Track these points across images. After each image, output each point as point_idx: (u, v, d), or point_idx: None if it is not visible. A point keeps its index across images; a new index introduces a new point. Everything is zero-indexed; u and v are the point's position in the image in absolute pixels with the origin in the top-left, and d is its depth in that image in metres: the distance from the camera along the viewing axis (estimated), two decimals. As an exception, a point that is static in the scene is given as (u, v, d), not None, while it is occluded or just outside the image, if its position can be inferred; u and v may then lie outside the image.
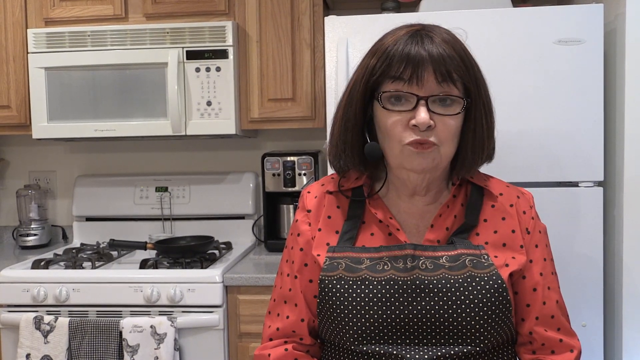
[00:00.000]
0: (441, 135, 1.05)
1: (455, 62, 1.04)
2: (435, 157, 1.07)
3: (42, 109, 2.30)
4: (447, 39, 1.06)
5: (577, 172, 1.77)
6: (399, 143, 1.07)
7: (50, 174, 2.78)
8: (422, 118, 1.03)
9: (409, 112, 1.05)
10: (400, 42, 1.05)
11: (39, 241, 2.62)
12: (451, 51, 1.04)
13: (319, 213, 1.19)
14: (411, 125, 1.04)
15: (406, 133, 1.06)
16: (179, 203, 2.59)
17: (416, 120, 1.03)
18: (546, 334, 1.12)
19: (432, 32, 1.06)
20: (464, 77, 1.06)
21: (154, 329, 1.91)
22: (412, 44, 1.04)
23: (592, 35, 1.73)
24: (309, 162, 2.34)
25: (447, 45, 1.04)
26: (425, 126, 1.03)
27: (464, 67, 1.05)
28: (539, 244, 1.15)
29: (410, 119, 1.05)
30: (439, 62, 1.03)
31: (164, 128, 2.25)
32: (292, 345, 1.16)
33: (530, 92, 1.76)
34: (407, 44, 1.05)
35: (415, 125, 1.04)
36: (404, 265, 1.08)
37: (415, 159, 1.07)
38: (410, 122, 1.04)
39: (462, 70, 1.05)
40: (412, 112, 1.05)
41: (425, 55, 1.03)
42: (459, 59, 1.05)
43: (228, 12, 2.30)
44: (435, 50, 1.03)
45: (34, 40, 2.29)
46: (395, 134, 1.07)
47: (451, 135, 1.06)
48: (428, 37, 1.05)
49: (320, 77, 2.26)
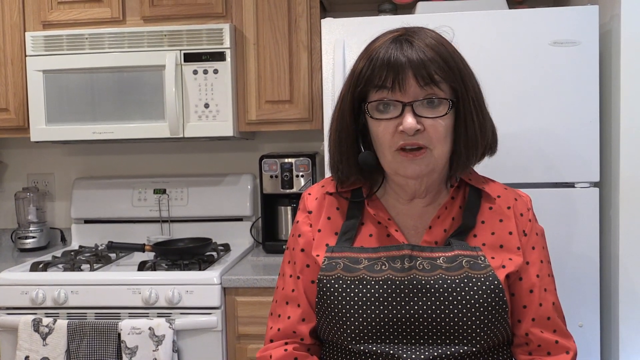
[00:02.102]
0: (431, 138, 1.06)
1: (437, 64, 1.05)
2: (429, 162, 1.08)
3: (40, 111, 2.30)
4: (429, 41, 1.07)
5: (573, 173, 1.77)
6: (390, 150, 1.08)
7: (48, 177, 2.79)
8: (409, 123, 1.04)
9: (397, 118, 1.06)
10: (382, 49, 1.07)
11: (37, 244, 2.62)
12: (432, 53, 1.05)
13: (319, 214, 1.20)
14: (399, 131, 1.06)
15: (396, 139, 1.07)
16: (177, 205, 2.59)
17: (403, 126, 1.05)
18: (542, 335, 1.12)
19: (413, 37, 1.07)
20: (447, 78, 1.06)
21: (152, 331, 1.91)
22: (392, 49, 1.06)
23: (588, 37, 1.74)
24: (307, 164, 2.34)
25: (427, 48, 1.05)
26: (412, 131, 1.04)
27: (446, 68, 1.06)
28: (536, 246, 1.16)
29: (398, 125, 1.06)
30: (418, 66, 1.04)
31: (162, 130, 2.25)
32: (293, 346, 1.16)
33: (526, 94, 1.77)
34: (388, 50, 1.06)
35: (403, 131, 1.05)
36: (402, 265, 1.09)
37: (409, 166, 1.08)
38: (399, 127, 1.06)
39: (445, 71, 1.06)
40: (399, 119, 1.06)
41: (404, 61, 1.04)
42: (440, 61, 1.05)
43: (225, 15, 2.31)
44: (414, 55, 1.04)
45: (32, 43, 2.29)
46: (386, 142, 1.08)
47: (441, 137, 1.07)
48: (407, 42, 1.06)
49: (317, 79, 2.27)
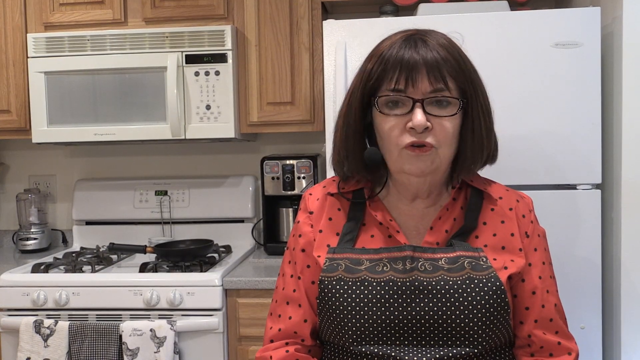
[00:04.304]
0: (439, 137, 1.06)
1: (449, 64, 1.06)
2: (434, 160, 1.08)
3: (41, 113, 2.31)
4: (442, 42, 1.08)
5: (575, 174, 1.77)
6: (397, 147, 1.08)
7: (50, 178, 2.79)
8: (419, 120, 1.04)
9: (406, 115, 1.06)
10: (394, 47, 1.07)
11: (38, 245, 2.62)
12: (445, 54, 1.06)
13: (321, 215, 1.20)
14: (408, 127, 1.06)
15: (404, 136, 1.07)
16: (179, 207, 2.59)
17: (412, 122, 1.05)
18: (544, 337, 1.12)
19: (427, 36, 1.08)
20: (458, 79, 1.07)
21: (153, 333, 1.91)
22: (406, 48, 1.06)
23: (590, 39, 1.74)
24: (308, 166, 2.34)
25: (441, 49, 1.06)
26: (421, 128, 1.04)
27: (458, 69, 1.07)
28: (538, 248, 1.16)
29: (407, 122, 1.06)
30: (432, 66, 1.04)
31: (164, 132, 2.26)
32: (294, 347, 1.16)
33: (528, 95, 1.77)
34: (402, 48, 1.07)
35: (412, 128, 1.05)
36: (403, 266, 1.09)
37: (414, 162, 1.07)
38: (407, 124, 1.06)
39: (457, 72, 1.06)
40: (408, 115, 1.06)
41: (418, 59, 1.05)
42: (453, 62, 1.06)
43: (227, 17, 2.31)
44: (428, 54, 1.05)
45: (33, 44, 2.30)
46: (393, 138, 1.08)
47: (449, 137, 1.07)
48: (422, 41, 1.07)
49: (319, 80, 2.27)
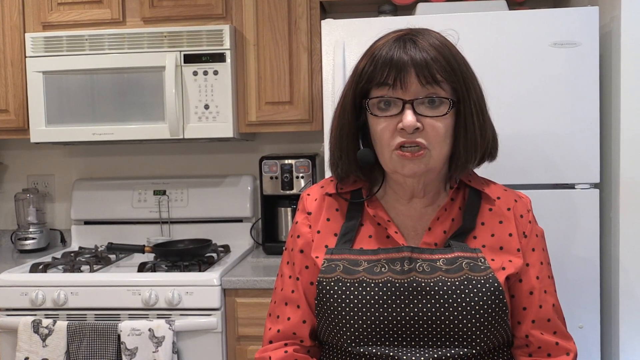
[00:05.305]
0: (430, 137, 1.06)
1: (439, 64, 1.05)
2: (428, 162, 1.08)
3: (40, 113, 2.30)
4: (433, 42, 1.07)
5: (574, 174, 1.77)
6: (389, 148, 1.08)
7: (48, 178, 2.78)
8: (408, 121, 1.04)
9: (397, 116, 1.06)
10: (385, 47, 1.08)
11: (37, 245, 2.62)
12: (435, 54, 1.05)
13: (319, 215, 1.20)
14: (399, 128, 1.06)
15: (395, 137, 1.07)
16: (177, 206, 2.59)
17: (402, 123, 1.05)
18: (542, 337, 1.12)
19: (418, 37, 1.08)
20: (449, 78, 1.07)
21: (152, 332, 1.91)
22: (395, 48, 1.06)
23: (588, 38, 1.74)
24: (307, 165, 2.34)
25: (431, 49, 1.06)
26: (411, 129, 1.05)
27: (449, 68, 1.06)
28: (535, 248, 1.16)
29: (398, 123, 1.06)
30: (421, 66, 1.04)
31: (162, 131, 2.25)
32: (293, 347, 1.16)
33: (527, 95, 1.77)
34: (392, 49, 1.07)
35: (403, 129, 1.05)
36: (402, 267, 1.09)
37: (406, 165, 1.08)
38: (398, 125, 1.06)
39: (447, 72, 1.06)
40: (399, 117, 1.06)
41: (407, 60, 1.05)
42: (443, 61, 1.06)
43: (225, 16, 2.30)
44: (417, 55, 1.05)
45: (31, 44, 2.29)
46: (385, 140, 1.08)
47: (441, 137, 1.07)
48: (411, 42, 1.07)
49: (317, 80, 2.27)
